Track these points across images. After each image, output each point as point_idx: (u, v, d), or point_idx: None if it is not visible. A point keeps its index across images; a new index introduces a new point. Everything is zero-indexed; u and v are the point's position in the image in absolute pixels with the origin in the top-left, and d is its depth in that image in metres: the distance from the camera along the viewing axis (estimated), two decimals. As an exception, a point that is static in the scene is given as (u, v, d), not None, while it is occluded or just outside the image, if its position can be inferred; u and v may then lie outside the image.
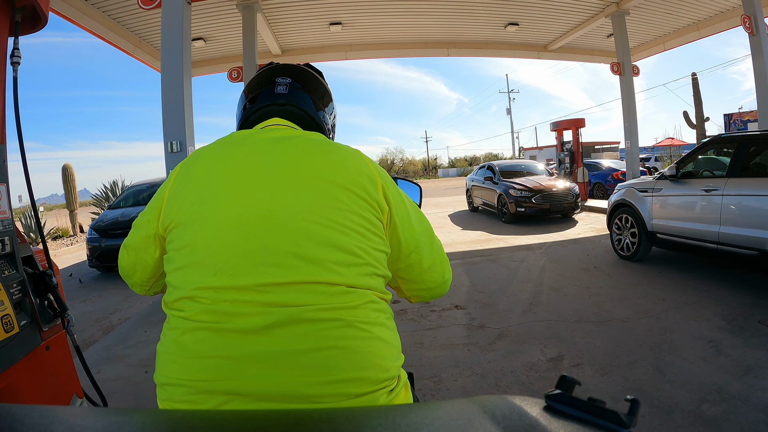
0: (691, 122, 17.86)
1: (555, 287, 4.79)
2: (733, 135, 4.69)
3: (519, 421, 0.33)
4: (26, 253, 1.62)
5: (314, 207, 0.77)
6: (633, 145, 10.17)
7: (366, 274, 0.78)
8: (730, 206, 4.23)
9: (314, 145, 0.85)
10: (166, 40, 5.01)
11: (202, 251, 0.75)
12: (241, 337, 0.69)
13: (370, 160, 0.89)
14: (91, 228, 7.30)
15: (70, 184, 13.99)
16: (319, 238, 0.75)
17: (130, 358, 3.59)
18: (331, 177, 0.80)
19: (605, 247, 6.57)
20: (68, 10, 6.86)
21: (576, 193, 9.66)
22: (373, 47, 11.34)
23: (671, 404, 2.39)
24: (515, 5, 9.32)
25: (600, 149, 24.63)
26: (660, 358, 2.92)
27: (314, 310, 0.70)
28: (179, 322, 0.74)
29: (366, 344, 0.72)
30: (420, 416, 0.37)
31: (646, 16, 10.22)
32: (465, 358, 3.18)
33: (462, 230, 9.56)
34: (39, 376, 1.51)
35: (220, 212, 0.77)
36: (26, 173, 1.66)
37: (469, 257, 6.68)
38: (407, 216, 0.89)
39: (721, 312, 3.66)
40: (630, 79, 10.23)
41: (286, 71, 1.07)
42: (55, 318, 1.61)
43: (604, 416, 0.34)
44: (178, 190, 0.85)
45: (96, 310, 5.31)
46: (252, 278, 0.72)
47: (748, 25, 7.98)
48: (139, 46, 9.23)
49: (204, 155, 0.88)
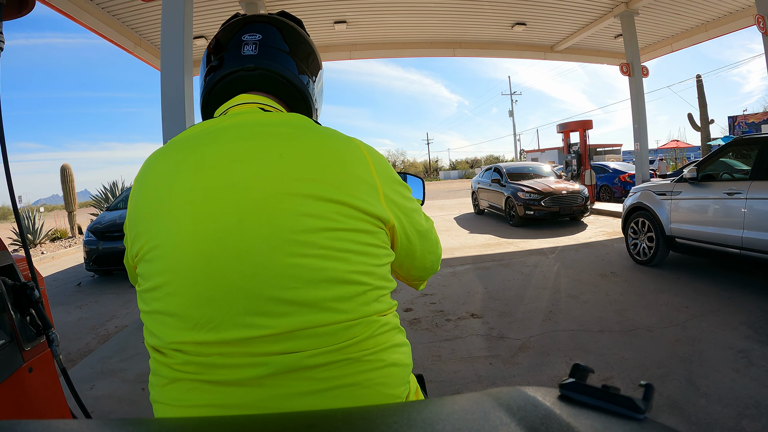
0: (696, 124, 17.80)
1: (573, 294, 4.63)
2: (755, 137, 4.57)
3: (534, 412, 0.33)
4: (6, 261, 1.43)
5: (297, 234, 0.61)
6: (642, 147, 10.02)
7: (373, 301, 0.65)
8: (755, 210, 4.10)
9: (296, 142, 0.67)
10: (166, 36, 4.82)
11: (174, 300, 0.62)
12: (234, 389, 0.60)
13: (369, 152, 0.72)
14: (88, 230, 7.17)
15: (69, 184, 13.96)
16: (309, 275, 0.60)
17: (126, 372, 3.39)
18: (319, 190, 0.63)
19: (619, 252, 6.42)
20: (67, 5, 6.72)
21: (585, 196, 9.51)
22: (377, 47, 11.22)
23: (710, 420, 2.27)
24: (523, 5, 9.19)
25: (602, 152, 24.57)
26: (691, 370, 2.80)
27: (314, 355, 0.60)
28: (163, 370, 0.64)
29: (377, 375, 0.64)
30: (435, 412, 0.37)
31: (654, 17, 10.11)
32: (487, 372, 3.02)
33: (470, 233, 9.42)
34: (22, 401, 1.35)
35: (182, 249, 0.62)
36: (6, 168, 1.46)
37: (480, 262, 6.53)
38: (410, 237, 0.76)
39: (747, 320, 3.55)
40: (639, 80, 10.10)
41: (256, 24, 0.83)
42: (38, 336, 1.42)
43: (619, 403, 0.33)
44: (134, 212, 0.70)
45: (92, 316, 5.14)
46: (236, 332, 0.59)
47: (762, 25, 7.82)
48: (139, 44, 9.11)
49: (158, 165, 0.70)
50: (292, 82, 0.81)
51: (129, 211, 0.71)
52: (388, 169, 0.74)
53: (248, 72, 0.79)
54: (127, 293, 6.08)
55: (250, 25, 0.82)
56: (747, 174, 4.35)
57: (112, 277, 7.21)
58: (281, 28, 0.84)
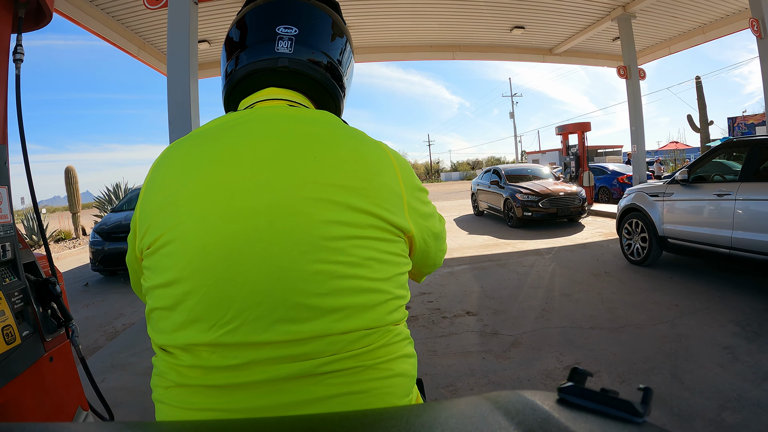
0: (695, 126, 17.84)
1: (566, 293, 4.73)
2: (745, 139, 4.66)
3: (533, 416, 0.33)
4: (28, 259, 1.55)
5: (327, 241, 0.60)
6: (639, 149, 10.09)
7: (392, 310, 0.65)
8: (743, 211, 4.20)
9: (329, 144, 0.65)
10: (173, 41, 4.95)
11: (191, 298, 0.60)
12: (242, 393, 0.59)
13: (396, 159, 0.71)
14: (94, 231, 7.28)
15: (73, 186, 14.03)
16: (335, 283, 0.60)
17: (135, 366, 3.52)
18: (350, 198, 0.62)
19: (614, 252, 6.51)
20: (72, 10, 6.83)
21: (583, 198, 9.59)
22: (378, 50, 11.30)
23: (691, 412, 2.35)
24: (521, 8, 9.28)
25: (603, 153, 24.58)
26: (677, 365, 2.89)
27: (330, 362, 0.59)
28: (170, 373, 0.63)
29: (386, 384, 0.63)
30: (434, 415, 0.37)
31: (652, 20, 10.17)
32: (480, 366, 3.13)
33: (468, 234, 9.51)
34: (42, 389, 1.45)
35: (205, 246, 0.60)
36: (29, 175, 1.59)
37: (478, 262, 6.62)
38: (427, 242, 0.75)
39: (735, 318, 3.63)
40: (636, 82, 10.17)
41: (292, 14, 0.77)
42: (59, 327, 1.53)
43: (617, 406, 0.33)
44: (148, 204, 0.67)
45: (99, 315, 5.25)
46: (256, 336, 0.58)
47: (756, 29, 7.90)
48: (144, 48, 9.21)
49: (178, 157, 0.68)
50: (324, 85, 0.79)
51: (142, 202, 0.69)
52: (412, 176, 0.73)
53: (280, 70, 0.76)
54: (133, 293, 6.16)
55: (286, 14, 0.77)
56: (737, 175, 4.44)
57: (118, 276, 7.33)
58: (319, 19, 0.79)
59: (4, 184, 1.41)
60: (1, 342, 1.24)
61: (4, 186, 1.41)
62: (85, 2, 7.07)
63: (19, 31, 1.51)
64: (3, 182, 1.41)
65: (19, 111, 1.48)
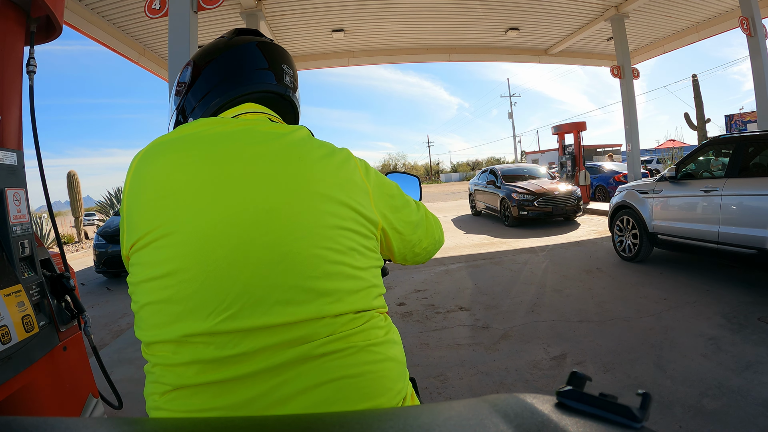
0: (692, 124, 17.91)
1: (558, 289, 4.82)
2: (731, 136, 4.73)
3: (531, 419, 0.33)
4: (44, 256, 1.66)
5: (320, 228, 0.66)
6: (634, 148, 10.21)
7: (374, 297, 0.72)
8: (729, 206, 4.26)
9: (308, 148, 0.73)
10: (174, 49, 5.09)
11: (189, 286, 0.62)
12: (242, 386, 0.60)
13: (359, 162, 0.79)
14: (97, 234, 7.40)
15: (76, 191, 14.11)
16: (328, 267, 0.65)
17: (141, 360, 3.57)
18: (333, 192, 0.69)
19: (607, 249, 6.61)
20: (74, 18, 6.97)
21: (578, 196, 9.69)
22: (375, 53, 11.44)
23: (672, 399, 2.42)
24: (516, 10, 9.40)
25: (602, 152, 24.64)
26: (661, 356, 2.96)
27: (324, 344, 0.63)
28: (166, 374, 0.63)
29: (380, 368, 0.67)
30: (431, 417, 0.37)
31: (645, 19, 10.29)
32: (470, 357, 3.23)
33: (465, 234, 9.61)
34: (56, 375, 1.55)
35: (203, 235, 0.63)
36: (43, 179, 1.71)
37: (473, 260, 6.72)
38: (401, 231, 0.82)
39: (722, 310, 3.69)
40: (630, 82, 10.29)
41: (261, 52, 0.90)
42: (72, 319, 1.64)
43: (616, 411, 0.33)
44: (134, 204, 0.69)
45: (105, 314, 5.38)
46: (256, 319, 0.61)
47: (746, 27, 8.02)
48: (144, 54, 9.34)
49: (164, 156, 0.70)
50: (293, 103, 0.93)
51: (128, 201, 0.70)
52: (376, 173, 0.82)
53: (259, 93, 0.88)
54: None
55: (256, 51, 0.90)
56: (723, 172, 4.52)
57: (121, 278, 7.42)
58: (278, 52, 0.93)
59: (21, 186, 1.53)
60: (22, 330, 1.36)
61: (22, 188, 1.53)
62: (86, 11, 7.21)
63: (32, 44, 1.61)
64: (21, 185, 1.53)
65: (33, 120, 1.60)
